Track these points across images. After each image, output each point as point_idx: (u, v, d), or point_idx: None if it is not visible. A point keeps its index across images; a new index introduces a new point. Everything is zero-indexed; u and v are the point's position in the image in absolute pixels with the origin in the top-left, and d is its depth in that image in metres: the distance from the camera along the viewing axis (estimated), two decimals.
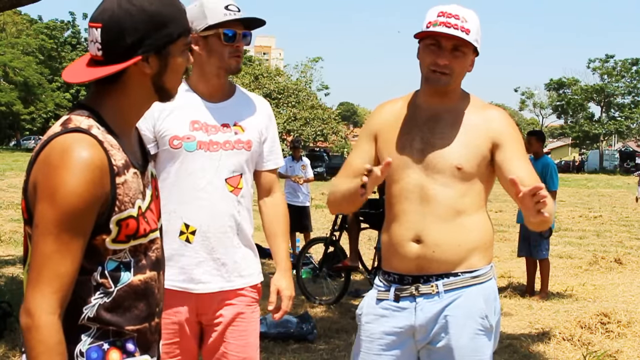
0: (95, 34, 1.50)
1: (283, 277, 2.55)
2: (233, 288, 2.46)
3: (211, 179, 2.42)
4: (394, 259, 2.31)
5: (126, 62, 1.49)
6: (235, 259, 2.46)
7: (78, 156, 1.41)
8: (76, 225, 1.42)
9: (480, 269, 2.28)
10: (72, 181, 1.40)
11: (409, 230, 2.25)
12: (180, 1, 1.58)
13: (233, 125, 2.47)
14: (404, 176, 2.28)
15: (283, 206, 2.63)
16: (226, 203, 2.44)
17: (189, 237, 2.42)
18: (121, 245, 1.51)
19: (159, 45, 1.51)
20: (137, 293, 1.55)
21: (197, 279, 2.42)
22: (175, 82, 1.60)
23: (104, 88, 1.54)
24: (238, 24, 2.41)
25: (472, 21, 2.20)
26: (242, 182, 2.48)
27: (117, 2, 1.49)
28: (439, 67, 2.20)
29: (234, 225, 2.46)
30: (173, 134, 2.41)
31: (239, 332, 2.46)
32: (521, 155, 2.26)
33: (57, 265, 1.41)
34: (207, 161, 2.42)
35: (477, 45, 2.23)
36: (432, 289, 2.24)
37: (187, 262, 2.42)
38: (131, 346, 1.55)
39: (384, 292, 2.34)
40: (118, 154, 1.50)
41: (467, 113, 2.30)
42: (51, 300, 1.41)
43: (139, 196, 1.55)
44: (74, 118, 1.49)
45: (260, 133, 2.53)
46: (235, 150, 2.45)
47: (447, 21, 2.16)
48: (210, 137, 2.43)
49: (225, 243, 2.44)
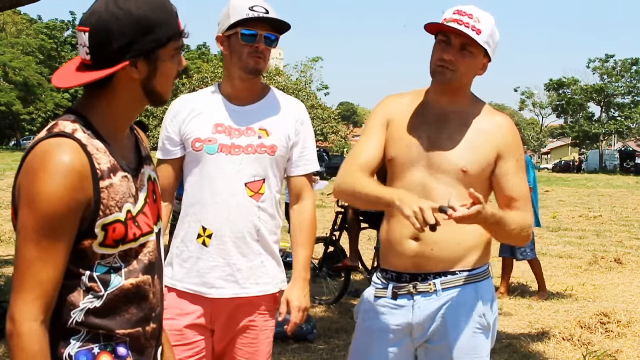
0: (83, 38, 1.48)
1: (296, 287, 2.48)
2: (248, 295, 2.42)
3: (231, 182, 2.39)
4: (392, 257, 2.31)
5: (114, 68, 1.47)
6: (251, 265, 2.42)
7: (58, 161, 1.40)
8: (57, 231, 1.40)
9: (478, 268, 2.28)
10: (51, 186, 1.39)
11: (408, 228, 2.25)
12: (171, 4, 1.54)
13: (258, 129, 2.42)
14: (408, 174, 2.28)
15: (309, 214, 2.54)
16: (246, 208, 2.39)
17: (205, 241, 2.40)
18: (110, 250, 1.49)
19: (147, 50, 1.48)
20: (129, 297, 1.53)
21: (212, 283, 2.40)
22: (167, 86, 1.57)
23: (94, 92, 1.53)
24: (262, 25, 2.36)
25: (486, 23, 2.19)
26: (264, 188, 2.42)
27: (105, 6, 1.46)
28: (444, 62, 2.20)
29: (254, 231, 2.41)
30: (196, 137, 2.41)
31: (249, 340, 2.44)
32: (520, 170, 2.29)
33: (39, 272, 1.40)
34: (228, 165, 2.39)
35: (487, 48, 2.21)
36: (430, 287, 2.24)
37: (203, 265, 2.40)
38: (123, 350, 1.53)
39: (382, 290, 2.34)
40: (104, 157, 1.48)
41: (477, 118, 2.29)
42: (34, 307, 1.39)
43: (129, 200, 1.52)
44: (60, 123, 1.48)
45: (288, 138, 2.46)
46: (258, 155, 2.40)
47: (460, 19, 2.17)
48: (233, 140, 2.40)
49: (243, 249, 2.40)
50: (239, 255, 2.40)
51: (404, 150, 2.29)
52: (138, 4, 1.47)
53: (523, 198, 2.27)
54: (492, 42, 2.22)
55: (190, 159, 2.44)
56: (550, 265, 9.11)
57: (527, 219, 2.25)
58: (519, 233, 2.22)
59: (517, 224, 2.21)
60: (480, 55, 2.23)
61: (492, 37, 2.22)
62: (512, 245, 6.71)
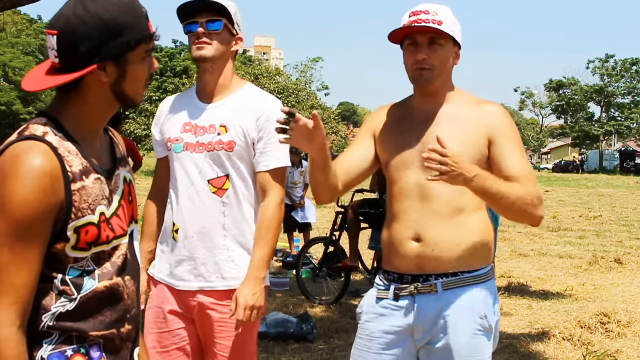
0: (52, 41, 1.46)
1: (245, 285, 2.41)
2: (214, 289, 2.47)
3: (194, 180, 2.46)
4: (394, 258, 2.32)
5: (81, 71, 1.45)
6: (217, 260, 2.46)
7: (28, 164, 1.39)
8: (29, 235, 1.39)
9: (480, 270, 2.27)
10: (22, 190, 1.37)
11: (408, 229, 2.25)
12: (141, 6, 1.53)
13: (219, 126, 2.47)
14: (403, 176, 2.29)
15: (270, 212, 2.45)
16: (209, 204, 2.45)
17: (174, 236, 2.50)
18: (82, 253, 1.49)
19: (115, 53, 1.47)
20: (102, 299, 1.52)
21: (180, 276, 2.50)
22: (137, 89, 1.56)
23: (65, 95, 1.52)
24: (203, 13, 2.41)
25: (444, 13, 2.22)
26: (228, 184, 2.47)
27: (73, 10, 1.45)
28: (419, 63, 2.22)
29: (219, 227, 2.46)
30: (168, 137, 2.52)
31: (227, 334, 2.47)
32: (517, 150, 2.23)
33: (14, 277, 1.38)
34: (191, 162, 2.47)
35: (454, 35, 2.24)
36: (431, 288, 2.24)
37: (173, 259, 2.51)
38: (97, 352, 1.52)
39: (384, 292, 2.34)
40: (75, 160, 1.47)
41: (462, 110, 2.30)
42: (10, 312, 1.38)
43: (103, 202, 1.52)
44: (31, 126, 1.47)
45: (246, 134, 2.45)
46: (216, 152, 2.45)
47: (417, 19, 2.21)
48: (197, 138, 2.47)
49: (207, 244, 2.46)
50: (204, 250, 2.47)
51: (396, 154, 2.31)
52: (106, 8, 1.45)
53: (524, 175, 2.16)
54: (455, 28, 2.25)
55: (170, 158, 2.56)
56: (550, 265, 9.12)
57: (531, 191, 2.13)
58: (522, 205, 2.11)
59: (517, 193, 2.10)
60: (449, 44, 2.25)
61: (454, 24, 2.25)
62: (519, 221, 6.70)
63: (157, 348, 2.52)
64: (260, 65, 41.12)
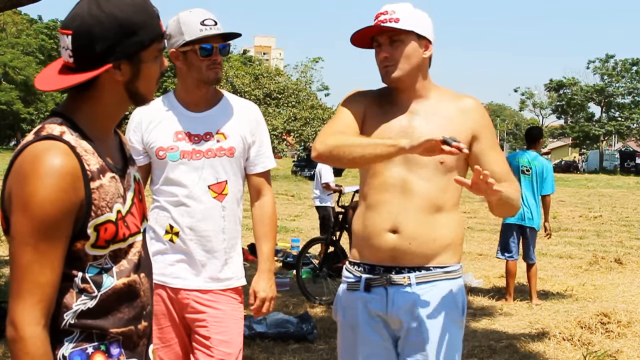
0: (66, 41, 1.47)
1: (261, 278, 2.63)
2: (210, 289, 2.56)
3: (194, 186, 2.53)
4: (368, 249, 2.33)
5: (97, 70, 1.47)
6: (215, 262, 2.56)
7: (49, 164, 1.40)
8: (52, 234, 1.40)
9: (451, 266, 2.32)
10: (44, 189, 1.38)
11: (386, 221, 2.26)
12: (153, 5, 1.55)
13: (216, 133, 2.56)
14: (385, 170, 2.29)
15: (269, 209, 2.68)
16: (211, 209, 2.54)
17: (172, 238, 2.56)
18: (101, 251, 1.50)
19: (130, 52, 1.49)
20: (121, 296, 1.54)
21: (176, 274, 2.55)
22: (150, 87, 1.59)
23: (78, 95, 1.53)
24: (214, 37, 2.50)
25: (401, 10, 2.26)
26: (227, 188, 2.57)
27: (88, 9, 1.46)
28: (383, 61, 2.28)
29: (219, 230, 2.56)
30: (159, 146, 2.56)
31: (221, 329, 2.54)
32: (496, 145, 2.37)
33: (37, 276, 1.40)
34: (190, 169, 2.54)
35: (414, 29, 2.26)
36: (405, 280, 2.27)
37: (169, 259, 2.56)
38: (116, 349, 1.54)
39: (354, 284, 2.35)
40: (92, 158, 1.48)
41: (442, 105, 2.33)
42: (35, 311, 1.39)
43: (119, 200, 1.53)
44: (47, 126, 1.48)
45: (244, 139, 2.59)
46: (218, 158, 2.55)
47: (377, 21, 2.27)
48: (193, 146, 2.55)
49: (207, 247, 2.55)
50: (203, 252, 2.55)
51: None
52: (120, 7, 1.46)
53: (507, 170, 2.34)
54: (417, 22, 2.27)
55: (156, 166, 2.59)
56: (550, 265, 9.12)
57: (517, 187, 2.33)
58: (516, 202, 2.29)
59: (516, 193, 2.28)
60: (410, 39, 2.26)
61: (416, 18, 2.27)
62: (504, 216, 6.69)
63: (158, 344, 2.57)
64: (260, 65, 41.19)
